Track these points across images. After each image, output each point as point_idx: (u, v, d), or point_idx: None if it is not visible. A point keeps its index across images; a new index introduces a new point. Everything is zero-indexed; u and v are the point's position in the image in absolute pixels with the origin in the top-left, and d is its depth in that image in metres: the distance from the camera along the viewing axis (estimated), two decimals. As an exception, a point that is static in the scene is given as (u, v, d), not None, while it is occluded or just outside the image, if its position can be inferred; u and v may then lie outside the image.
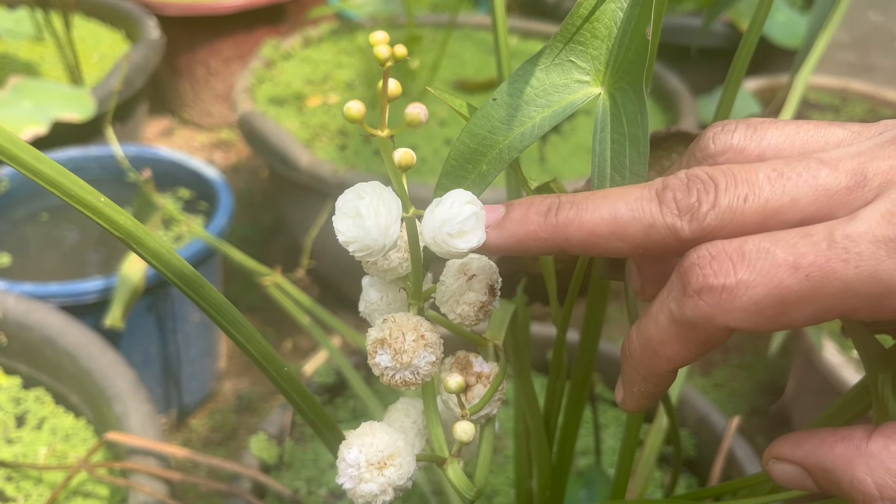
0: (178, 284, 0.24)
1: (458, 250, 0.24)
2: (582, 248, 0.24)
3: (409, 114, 0.23)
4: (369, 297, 0.29)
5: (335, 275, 1.14)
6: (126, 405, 0.65)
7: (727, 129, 0.26)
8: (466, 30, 1.43)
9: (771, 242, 0.21)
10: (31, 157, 0.21)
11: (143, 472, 0.59)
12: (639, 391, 0.25)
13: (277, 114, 1.15)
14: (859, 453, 0.22)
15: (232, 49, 1.56)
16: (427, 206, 0.26)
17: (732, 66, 0.35)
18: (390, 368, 0.26)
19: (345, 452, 0.26)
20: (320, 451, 0.65)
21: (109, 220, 0.23)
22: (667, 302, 0.23)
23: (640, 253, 0.24)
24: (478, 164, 0.27)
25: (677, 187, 0.23)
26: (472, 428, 0.26)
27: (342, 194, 0.25)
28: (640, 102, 0.25)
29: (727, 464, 0.63)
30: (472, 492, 0.27)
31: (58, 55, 1.26)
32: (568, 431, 0.42)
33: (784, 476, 0.24)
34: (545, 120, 0.26)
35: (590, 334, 0.38)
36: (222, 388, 1.09)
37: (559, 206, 0.25)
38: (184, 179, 1.04)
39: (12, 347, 0.73)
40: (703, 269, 0.22)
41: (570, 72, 0.27)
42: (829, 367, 0.84)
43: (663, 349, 0.23)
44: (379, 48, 0.22)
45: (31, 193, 1.01)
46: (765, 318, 0.21)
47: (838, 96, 1.41)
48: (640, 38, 0.25)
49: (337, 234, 0.24)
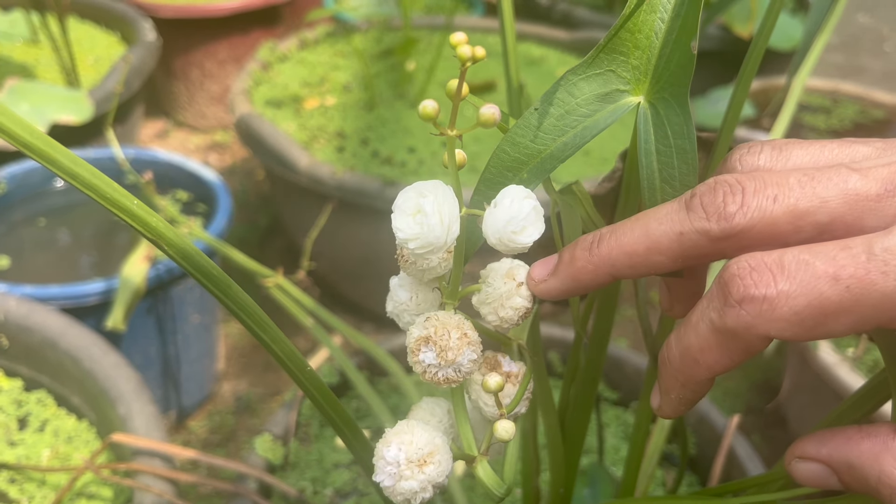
0: (206, 283, 0.25)
1: (523, 245, 0.25)
2: (629, 270, 0.25)
3: (483, 114, 0.24)
4: (398, 297, 0.29)
5: (333, 277, 1.15)
6: (130, 406, 0.65)
7: (753, 151, 0.26)
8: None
9: (810, 254, 0.22)
10: (69, 160, 0.21)
11: (149, 473, 0.59)
12: (676, 398, 0.26)
13: (275, 116, 1.15)
14: (886, 449, 0.22)
15: (227, 51, 1.56)
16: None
17: (742, 70, 0.35)
18: (434, 366, 0.26)
19: (384, 450, 0.26)
20: (324, 451, 0.66)
21: (142, 221, 0.23)
22: (707, 311, 0.23)
23: (682, 263, 0.24)
24: (518, 173, 0.27)
25: (704, 192, 0.24)
26: (512, 427, 0.26)
27: (402, 192, 0.25)
28: (685, 114, 0.26)
29: (728, 462, 0.64)
30: (503, 489, 0.27)
31: (53, 57, 1.26)
32: (577, 430, 0.42)
33: (808, 475, 0.25)
34: (587, 129, 0.27)
35: (599, 336, 0.39)
36: (221, 389, 1.09)
37: (600, 238, 0.26)
38: (182, 181, 1.04)
39: (13, 350, 0.73)
40: (743, 280, 0.22)
41: (611, 81, 0.27)
42: (824, 365, 0.85)
43: (703, 357, 0.24)
44: (462, 49, 0.23)
45: (29, 196, 1.01)
46: (804, 328, 0.22)
47: (829, 98, 1.42)
48: (684, 51, 0.26)
49: (395, 231, 0.25)
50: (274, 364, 1.14)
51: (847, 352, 0.87)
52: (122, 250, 0.95)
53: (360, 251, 1.07)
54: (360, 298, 1.17)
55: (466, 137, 1.11)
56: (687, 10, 0.27)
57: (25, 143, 0.21)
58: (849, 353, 0.87)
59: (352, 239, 1.06)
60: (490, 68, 1.29)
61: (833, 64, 2.21)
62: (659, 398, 0.27)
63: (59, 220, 1.00)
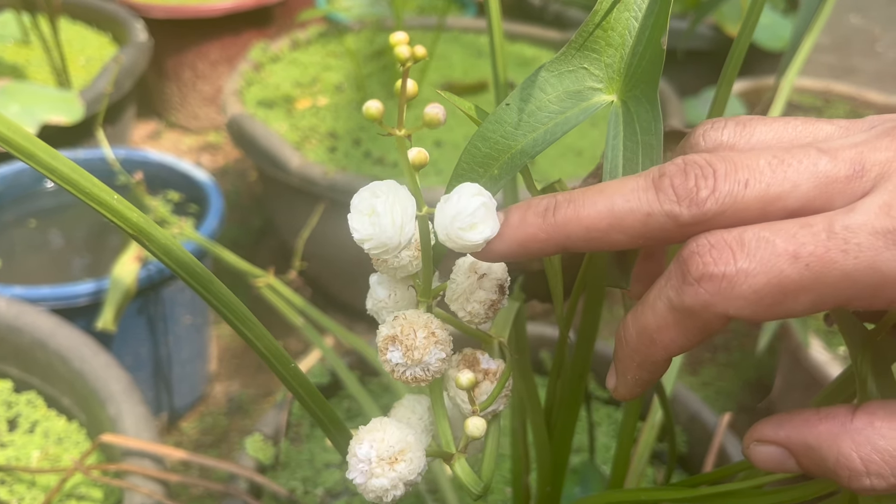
0: (188, 280, 0.25)
1: (472, 243, 0.25)
2: (583, 244, 0.24)
3: (427, 114, 0.24)
4: (377, 294, 0.29)
5: (325, 277, 1.14)
6: (120, 407, 0.65)
7: (717, 126, 0.26)
8: (454, 32, 1.44)
9: (771, 232, 0.21)
10: (48, 154, 0.21)
11: (139, 474, 0.59)
12: (632, 379, 0.26)
13: (267, 116, 1.15)
14: (844, 430, 0.22)
15: (219, 52, 1.56)
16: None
17: (725, 67, 0.35)
18: (401, 365, 0.26)
19: (356, 448, 0.26)
20: (315, 451, 0.65)
21: (121, 216, 0.23)
22: (665, 290, 0.23)
23: (641, 243, 0.24)
24: (489, 168, 0.27)
25: (674, 173, 0.23)
26: (483, 424, 0.26)
27: (358, 192, 0.25)
28: (654, 111, 0.26)
29: (719, 460, 0.64)
30: (480, 486, 0.27)
31: (44, 58, 1.25)
32: (565, 428, 0.42)
33: (765, 458, 0.24)
34: (558, 126, 0.27)
35: (587, 332, 0.39)
36: (213, 390, 1.08)
37: (556, 205, 0.25)
38: (173, 182, 1.04)
39: (2, 350, 0.73)
40: (703, 258, 0.22)
41: (584, 79, 0.27)
42: (816, 363, 0.85)
43: (660, 336, 0.23)
44: (399, 48, 0.23)
45: (20, 197, 1.00)
46: (763, 306, 0.21)
47: (821, 98, 1.43)
48: (654, 48, 0.26)
49: (352, 231, 0.25)
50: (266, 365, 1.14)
51: (838, 350, 0.88)
52: (113, 251, 0.95)
53: (352, 251, 1.06)
54: (351, 298, 1.17)
55: (451, 140, 1.11)
56: (659, 7, 0.27)
57: (3, 137, 0.21)
58: (839, 352, 0.87)
59: (343, 239, 1.06)
60: (481, 68, 1.29)
61: (825, 64, 2.21)
62: (615, 379, 0.27)
63: (49, 222, 1.00)
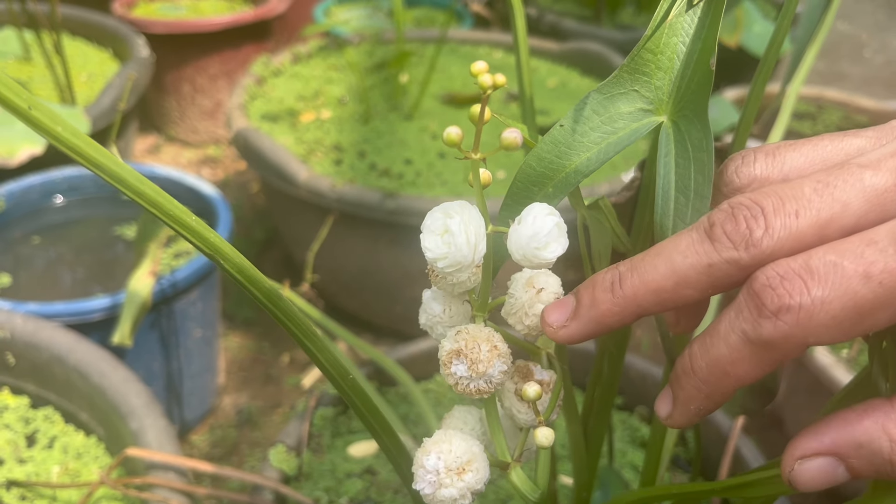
0: (262, 300, 0.26)
1: (546, 261, 0.26)
2: (657, 307, 0.25)
3: (506, 138, 0.25)
4: (432, 309, 0.30)
5: (331, 288, 1.15)
6: (142, 421, 0.65)
7: (747, 161, 0.26)
8: (452, 44, 1.45)
9: (836, 255, 0.22)
10: (135, 179, 0.22)
11: (165, 487, 0.59)
12: (695, 409, 0.25)
13: (271, 130, 1.16)
14: (889, 418, 0.22)
15: (218, 66, 1.57)
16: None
17: (753, 83, 0.37)
18: (465, 378, 0.27)
19: (423, 459, 0.27)
20: (337, 461, 0.66)
21: (200, 236, 0.24)
22: (737, 323, 0.23)
23: (712, 293, 0.24)
24: (544, 187, 0.28)
25: (724, 220, 0.23)
26: (552, 433, 0.27)
27: (430, 213, 0.26)
28: (704, 129, 0.27)
29: (734, 463, 0.65)
30: (537, 494, 0.28)
31: (47, 74, 1.26)
32: (597, 436, 0.43)
33: (814, 473, 0.24)
34: (610, 146, 0.28)
35: (618, 345, 0.40)
36: (222, 403, 1.09)
37: (621, 277, 0.25)
38: (180, 196, 1.05)
39: (20, 367, 0.73)
40: (776, 290, 0.22)
41: (635, 101, 0.29)
42: (821, 367, 0.87)
43: (734, 369, 0.24)
44: (482, 77, 0.24)
45: (28, 213, 1.01)
46: (843, 330, 0.22)
47: (814, 104, 1.45)
48: (703, 69, 0.27)
49: (424, 251, 0.26)
50: (273, 377, 1.14)
51: (842, 353, 0.89)
52: (120, 266, 0.96)
53: (359, 263, 1.08)
54: (357, 309, 1.17)
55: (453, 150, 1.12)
56: (707, 32, 0.28)
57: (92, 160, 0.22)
58: (843, 355, 0.89)
59: (350, 250, 1.07)
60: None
61: (814, 70, 2.25)
62: (670, 408, 0.27)
63: (57, 238, 1.00)
